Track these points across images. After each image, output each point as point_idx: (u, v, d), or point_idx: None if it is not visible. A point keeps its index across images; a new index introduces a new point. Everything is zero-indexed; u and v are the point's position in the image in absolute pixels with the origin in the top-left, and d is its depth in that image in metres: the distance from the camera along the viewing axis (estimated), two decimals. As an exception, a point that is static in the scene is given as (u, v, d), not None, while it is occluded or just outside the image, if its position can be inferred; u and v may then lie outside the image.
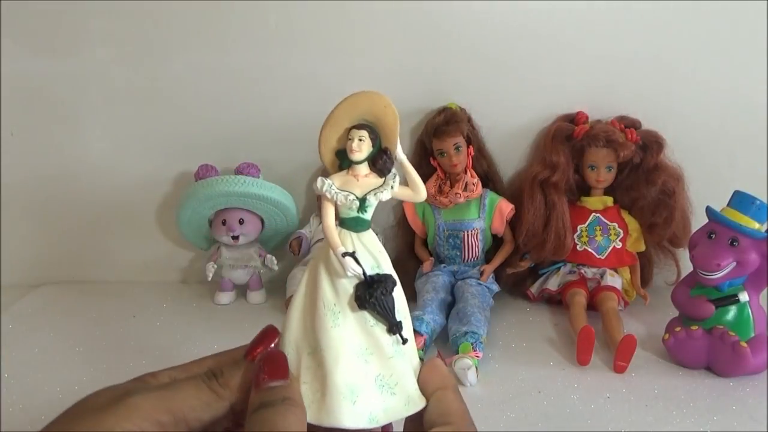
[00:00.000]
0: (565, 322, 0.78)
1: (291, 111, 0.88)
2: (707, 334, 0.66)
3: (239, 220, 0.85)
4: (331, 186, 0.31)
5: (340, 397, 0.28)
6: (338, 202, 0.31)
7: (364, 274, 0.30)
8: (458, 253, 0.84)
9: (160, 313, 0.84)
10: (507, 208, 0.84)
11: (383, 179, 0.32)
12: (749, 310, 0.66)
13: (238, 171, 0.85)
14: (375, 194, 0.31)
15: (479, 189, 0.82)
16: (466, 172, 0.81)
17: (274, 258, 0.89)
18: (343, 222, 0.31)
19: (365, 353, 0.30)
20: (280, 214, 0.87)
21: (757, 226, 0.64)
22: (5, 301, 0.88)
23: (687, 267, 0.71)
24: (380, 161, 0.31)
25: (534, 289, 0.87)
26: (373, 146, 0.31)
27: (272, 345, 0.30)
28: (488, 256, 0.86)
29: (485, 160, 0.86)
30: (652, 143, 0.82)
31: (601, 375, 0.66)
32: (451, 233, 0.83)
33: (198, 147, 0.90)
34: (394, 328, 0.30)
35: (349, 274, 0.30)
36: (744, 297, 0.66)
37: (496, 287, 0.83)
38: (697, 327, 0.66)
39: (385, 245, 0.35)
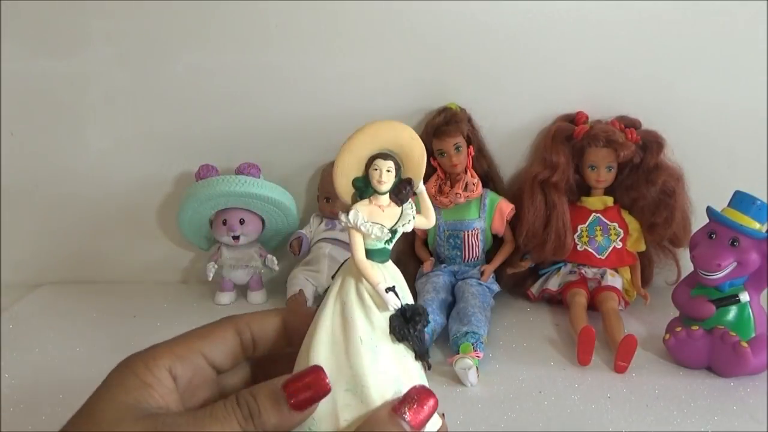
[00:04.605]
0: (565, 323, 0.78)
1: (291, 111, 0.88)
2: (708, 334, 0.66)
3: (240, 220, 0.85)
4: (363, 218, 0.30)
5: None
6: (372, 235, 0.30)
7: (403, 307, 0.30)
8: (459, 253, 0.84)
9: (161, 314, 0.84)
10: (507, 208, 0.84)
11: (401, 208, 0.32)
12: (750, 311, 0.66)
13: (239, 171, 0.85)
14: (403, 225, 0.31)
15: (479, 189, 0.82)
16: (466, 172, 0.81)
17: (274, 258, 0.89)
18: (369, 254, 0.31)
19: (400, 385, 0.29)
20: (281, 214, 0.87)
21: (757, 226, 0.64)
22: (5, 301, 0.88)
23: (687, 267, 0.71)
24: (404, 192, 0.31)
25: (534, 289, 0.87)
26: (395, 177, 0.31)
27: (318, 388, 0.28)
28: (488, 256, 0.86)
29: (485, 160, 0.86)
30: (652, 143, 0.82)
31: (602, 375, 0.66)
32: (452, 233, 0.83)
33: (198, 147, 0.90)
34: (424, 356, 0.31)
35: (391, 309, 0.30)
36: (745, 297, 0.66)
37: (496, 287, 0.83)
38: (697, 327, 0.66)
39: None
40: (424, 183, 0.84)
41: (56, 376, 0.65)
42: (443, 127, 0.80)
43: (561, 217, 0.82)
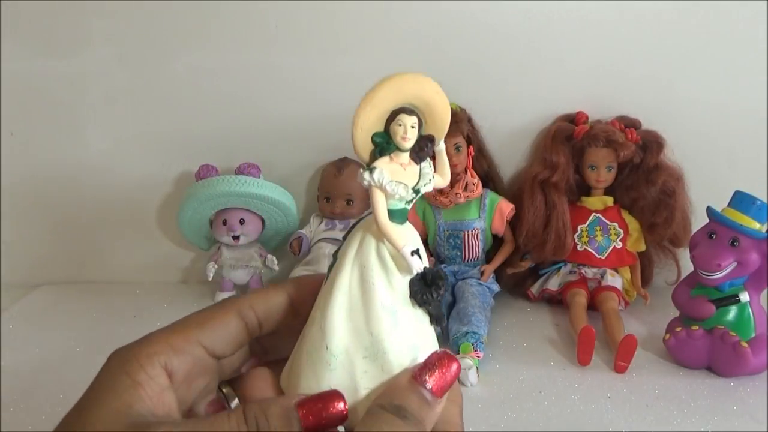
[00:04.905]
0: (565, 323, 0.78)
1: (291, 111, 0.88)
2: (708, 334, 0.66)
3: (240, 220, 0.85)
4: (388, 177, 0.28)
5: None
6: (396, 196, 0.29)
7: (425, 270, 0.29)
8: (459, 253, 0.84)
9: (161, 314, 0.84)
10: (507, 208, 0.84)
11: (419, 166, 0.30)
12: (750, 311, 0.66)
13: (239, 171, 0.85)
14: (425, 185, 0.30)
15: (479, 189, 0.82)
16: (466, 172, 0.81)
17: (274, 258, 0.89)
18: (389, 214, 0.29)
19: (416, 349, 0.28)
20: (281, 214, 0.87)
21: (757, 226, 0.64)
22: (5, 301, 0.88)
23: (687, 267, 0.71)
24: (426, 149, 0.30)
25: (534, 289, 0.87)
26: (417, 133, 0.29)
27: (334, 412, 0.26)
28: (488, 256, 0.86)
29: (485, 160, 0.86)
30: (652, 143, 0.82)
31: (602, 375, 0.66)
32: (452, 233, 0.83)
33: (198, 147, 0.90)
34: (440, 320, 0.30)
35: (415, 272, 0.28)
36: (745, 297, 0.66)
37: (496, 287, 0.83)
38: (697, 327, 0.66)
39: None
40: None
41: (56, 376, 0.65)
42: (443, 127, 0.80)
43: (561, 217, 0.82)
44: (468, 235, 0.83)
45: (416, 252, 0.28)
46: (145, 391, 0.25)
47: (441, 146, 0.31)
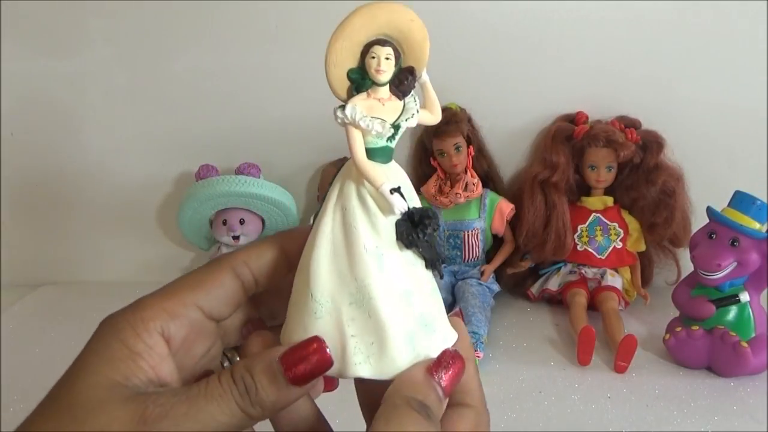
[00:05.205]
0: (565, 323, 0.78)
1: (291, 111, 0.88)
2: (708, 334, 0.66)
3: (240, 220, 0.85)
4: (362, 112, 0.27)
5: (402, 344, 0.26)
6: (373, 132, 0.27)
7: (410, 210, 0.27)
8: (459, 253, 0.84)
9: (161, 314, 0.83)
10: (507, 208, 0.84)
11: (402, 102, 0.29)
12: (750, 311, 0.66)
13: (239, 171, 0.85)
14: (406, 120, 0.28)
15: (479, 189, 0.82)
16: (466, 172, 0.81)
17: (274, 258, 0.89)
18: (369, 153, 0.28)
19: (409, 295, 0.27)
20: (281, 214, 0.87)
21: (757, 226, 0.64)
22: (5, 301, 0.88)
23: (687, 267, 0.71)
24: (405, 82, 0.28)
25: (534, 289, 0.87)
26: (395, 65, 0.28)
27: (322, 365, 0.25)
28: (489, 256, 0.86)
29: (485, 160, 0.86)
30: (652, 143, 0.82)
31: (602, 375, 0.66)
32: (452, 233, 0.83)
33: (198, 147, 0.90)
34: (435, 263, 0.28)
35: (397, 212, 0.27)
36: (745, 297, 0.66)
37: (496, 287, 0.83)
38: (697, 327, 0.66)
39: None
40: (424, 184, 0.85)
41: (56, 376, 0.65)
42: (443, 127, 0.80)
43: (561, 217, 0.82)
44: (468, 235, 0.83)
45: (397, 190, 0.27)
46: (145, 362, 0.24)
47: (424, 78, 0.30)
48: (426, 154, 0.84)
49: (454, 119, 0.81)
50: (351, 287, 0.26)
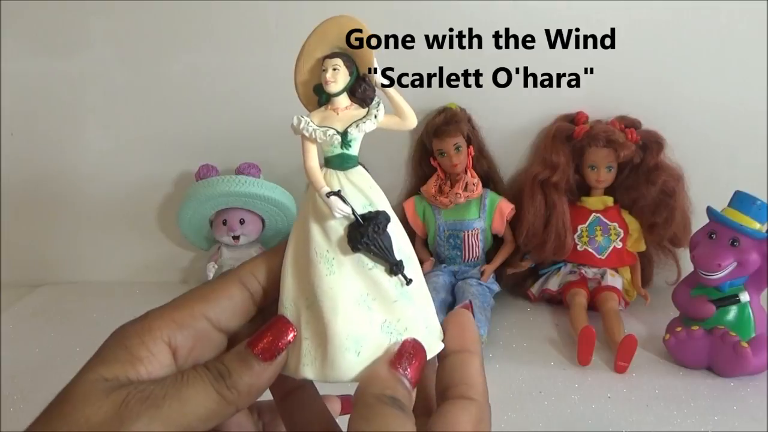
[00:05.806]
0: (565, 323, 0.78)
1: (291, 111, 0.87)
2: (708, 334, 0.66)
3: (240, 220, 0.85)
4: (308, 123, 0.28)
5: (342, 349, 0.26)
6: (318, 140, 0.28)
7: (354, 213, 0.27)
8: (459, 253, 0.84)
9: (161, 314, 0.84)
10: (507, 208, 0.84)
11: (366, 109, 0.29)
12: (750, 311, 0.66)
13: (239, 171, 0.85)
14: (357, 126, 0.29)
15: (479, 189, 0.82)
16: (466, 172, 0.81)
17: (274, 258, 0.89)
18: (327, 162, 0.29)
19: (367, 299, 0.27)
20: (281, 214, 0.87)
21: (757, 226, 0.64)
22: (5, 301, 0.88)
23: (687, 267, 0.71)
24: (359, 89, 0.29)
25: (534, 289, 0.87)
26: (350, 75, 0.29)
27: (284, 340, 0.27)
28: (489, 256, 0.86)
29: (486, 160, 0.86)
30: (652, 143, 0.82)
31: (602, 375, 0.66)
32: (452, 233, 0.83)
33: (198, 147, 0.90)
34: (394, 268, 0.28)
35: (336, 215, 0.27)
36: (745, 297, 0.66)
37: (496, 287, 0.83)
38: (697, 327, 0.66)
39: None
40: (424, 183, 0.85)
41: (56, 376, 0.65)
42: (443, 127, 0.80)
43: (561, 217, 0.82)
44: (468, 235, 0.83)
45: (336, 193, 0.27)
46: (144, 368, 0.25)
47: (380, 80, 0.30)
48: (426, 154, 0.85)
49: (454, 119, 0.81)
50: (307, 291, 0.27)
